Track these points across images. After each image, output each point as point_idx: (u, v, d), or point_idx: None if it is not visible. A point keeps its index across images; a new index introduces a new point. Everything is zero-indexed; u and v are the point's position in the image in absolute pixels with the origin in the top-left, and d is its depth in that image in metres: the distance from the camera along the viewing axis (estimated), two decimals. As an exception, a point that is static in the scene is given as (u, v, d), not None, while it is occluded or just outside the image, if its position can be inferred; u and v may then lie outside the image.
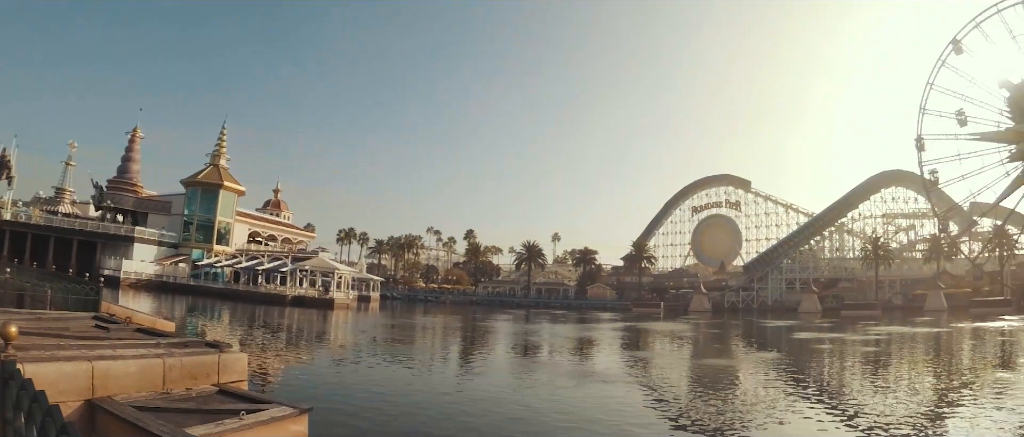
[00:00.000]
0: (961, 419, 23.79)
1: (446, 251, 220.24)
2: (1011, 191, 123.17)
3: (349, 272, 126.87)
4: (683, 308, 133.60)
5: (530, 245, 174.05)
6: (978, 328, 74.42)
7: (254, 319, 70.47)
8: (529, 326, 79.63)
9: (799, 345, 58.60)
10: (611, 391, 28.76)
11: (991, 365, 42.13)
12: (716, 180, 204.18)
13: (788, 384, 32.79)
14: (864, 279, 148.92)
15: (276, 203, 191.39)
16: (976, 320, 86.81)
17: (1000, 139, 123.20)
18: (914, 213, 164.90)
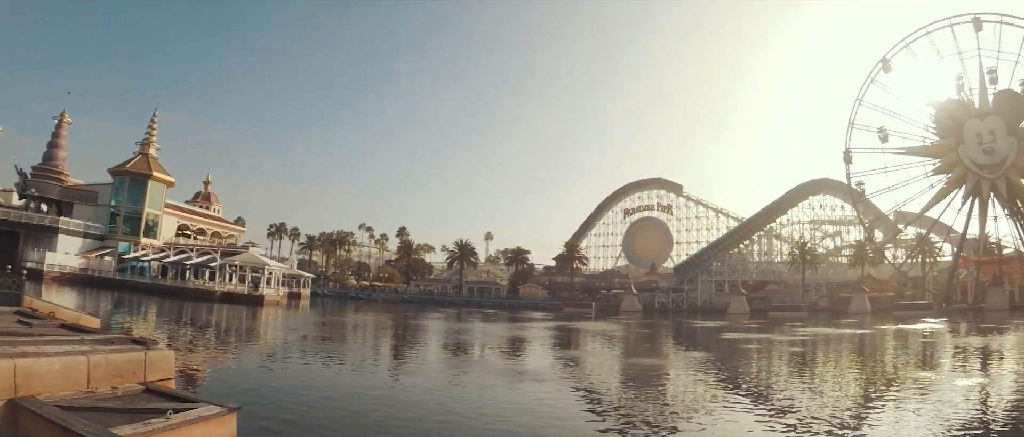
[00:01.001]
0: (885, 416, 24.32)
1: (378, 248, 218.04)
2: (935, 202, 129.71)
3: (280, 268, 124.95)
4: (614, 308, 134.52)
5: (462, 244, 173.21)
6: (900, 330, 76.11)
7: (182, 316, 69.05)
8: (461, 325, 79.49)
9: (728, 345, 59.25)
10: (542, 390, 28.72)
11: (913, 365, 43.13)
12: (649, 183, 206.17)
13: (717, 383, 33.16)
14: (791, 282, 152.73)
15: (206, 195, 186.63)
16: (899, 322, 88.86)
17: (925, 154, 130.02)
18: (841, 220, 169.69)
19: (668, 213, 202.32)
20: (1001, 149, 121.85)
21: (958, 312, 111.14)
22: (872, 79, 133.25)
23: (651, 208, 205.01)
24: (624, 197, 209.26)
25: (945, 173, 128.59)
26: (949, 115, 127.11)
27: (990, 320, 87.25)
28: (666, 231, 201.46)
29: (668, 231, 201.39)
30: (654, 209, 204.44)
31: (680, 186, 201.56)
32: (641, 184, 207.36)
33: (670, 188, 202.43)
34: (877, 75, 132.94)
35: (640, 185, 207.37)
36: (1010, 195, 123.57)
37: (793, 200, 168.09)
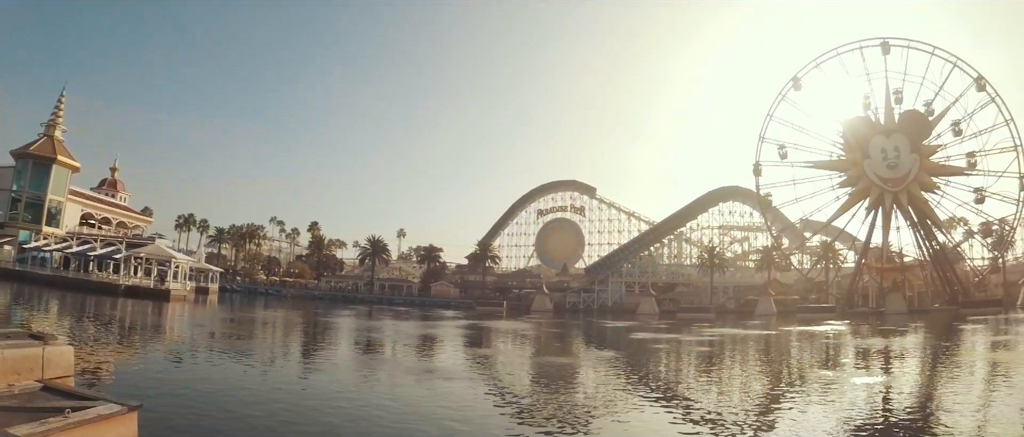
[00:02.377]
0: (790, 413, 24.97)
1: (289, 243, 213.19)
2: (841, 213, 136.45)
3: (187, 262, 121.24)
4: (526, 308, 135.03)
5: (375, 240, 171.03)
6: (804, 331, 77.96)
7: (84, 310, 67.00)
8: (372, 323, 79.17)
9: (637, 345, 60.07)
10: (453, 388, 28.87)
11: (817, 364, 44.41)
12: (563, 185, 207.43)
13: (627, 382, 33.62)
14: (700, 284, 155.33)
15: (113, 183, 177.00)
16: (803, 324, 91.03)
17: (832, 167, 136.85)
18: (749, 226, 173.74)
19: (581, 215, 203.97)
20: (904, 164, 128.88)
21: (860, 315, 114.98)
22: (783, 96, 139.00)
23: (564, 209, 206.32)
24: (538, 198, 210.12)
25: (851, 186, 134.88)
26: (856, 132, 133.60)
27: (890, 323, 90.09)
28: (578, 232, 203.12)
29: (580, 232, 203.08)
30: (567, 210, 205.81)
31: (593, 188, 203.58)
32: (555, 185, 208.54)
33: (584, 190, 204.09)
34: (788, 92, 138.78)
35: (554, 186, 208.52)
36: (911, 207, 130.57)
37: (704, 206, 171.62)
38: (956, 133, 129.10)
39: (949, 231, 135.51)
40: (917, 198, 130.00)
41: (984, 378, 35.72)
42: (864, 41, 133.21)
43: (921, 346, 59.07)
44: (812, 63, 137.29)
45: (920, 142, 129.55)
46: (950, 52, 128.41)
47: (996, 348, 54.72)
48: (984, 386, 32.93)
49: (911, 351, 54.24)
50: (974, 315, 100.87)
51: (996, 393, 30.57)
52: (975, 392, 31.10)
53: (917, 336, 69.63)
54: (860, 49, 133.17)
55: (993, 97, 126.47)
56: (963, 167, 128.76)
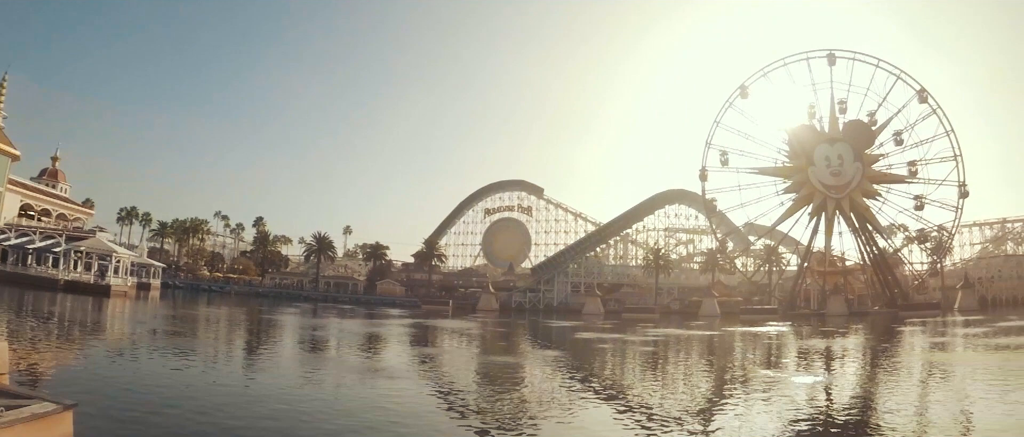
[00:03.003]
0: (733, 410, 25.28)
1: (234, 238, 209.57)
2: (785, 218, 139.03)
3: (129, 256, 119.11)
4: (471, 307, 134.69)
5: (320, 237, 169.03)
6: (747, 332, 78.86)
7: (21, 305, 65.60)
8: (317, 321, 78.48)
9: (582, 344, 60.43)
10: (397, 387, 28.61)
11: (758, 364, 44.84)
12: (511, 185, 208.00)
13: (570, 380, 33.80)
14: (645, 285, 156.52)
15: (54, 173, 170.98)
16: (746, 325, 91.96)
17: (777, 174, 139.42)
18: (694, 229, 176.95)
19: (528, 214, 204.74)
20: (847, 172, 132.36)
21: (801, 317, 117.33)
22: (730, 103, 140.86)
23: (512, 209, 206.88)
24: (485, 197, 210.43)
25: (795, 192, 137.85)
26: (801, 139, 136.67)
27: (831, 324, 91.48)
28: (525, 232, 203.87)
29: (527, 232, 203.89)
30: (515, 210, 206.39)
31: (541, 189, 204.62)
32: (503, 185, 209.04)
33: (531, 190, 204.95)
34: (735, 100, 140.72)
35: (502, 186, 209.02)
36: (854, 213, 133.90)
37: (650, 208, 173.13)
38: (897, 142, 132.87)
39: (890, 237, 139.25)
40: (859, 204, 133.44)
41: (922, 378, 36.38)
42: (811, 52, 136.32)
43: (860, 347, 60.19)
44: (759, 72, 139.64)
45: (863, 151, 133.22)
46: (894, 65, 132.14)
47: (933, 349, 55.87)
48: (922, 386, 33.56)
49: (851, 352, 55.22)
50: (912, 317, 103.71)
51: (933, 393, 31.25)
52: (913, 392, 31.73)
53: (857, 337, 70.95)
54: (807, 60, 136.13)
55: (934, 109, 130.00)
56: (904, 175, 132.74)
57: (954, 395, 29.87)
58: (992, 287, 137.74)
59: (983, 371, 38.10)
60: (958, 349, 54.91)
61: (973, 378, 35.10)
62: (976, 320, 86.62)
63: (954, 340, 63.30)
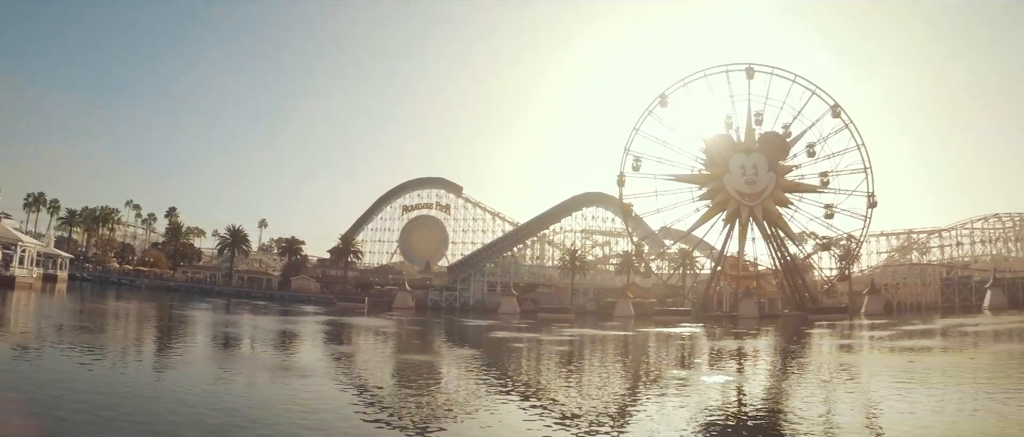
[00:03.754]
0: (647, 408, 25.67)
1: (146, 229, 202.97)
2: (700, 223, 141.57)
3: (35, 246, 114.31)
4: (387, 305, 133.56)
5: (235, 230, 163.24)
6: (660, 333, 79.70)
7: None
8: (230, 317, 77.35)
9: (498, 343, 60.44)
10: (311, 386, 28.24)
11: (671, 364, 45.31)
12: (430, 182, 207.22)
13: (485, 379, 33.87)
14: (561, 286, 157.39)
15: None
16: (659, 326, 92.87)
17: (694, 181, 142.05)
18: (611, 231, 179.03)
19: (446, 213, 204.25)
20: (761, 181, 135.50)
21: (714, 319, 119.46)
22: (650, 111, 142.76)
23: (430, 206, 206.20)
24: (404, 193, 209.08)
25: (710, 199, 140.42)
26: (717, 148, 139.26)
27: (742, 326, 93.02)
28: (443, 230, 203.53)
29: (445, 230, 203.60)
30: (433, 208, 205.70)
31: (460, 187, 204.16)
32: (422, 182, 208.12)
33: (450, 188, 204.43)
34: (655, 108, 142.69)
35: (421, 183, 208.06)
36: (767, 220, 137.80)
37: (568, 210, 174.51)
38: (810, 154, 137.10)
39: (801, 243, 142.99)
40: (772, 212, 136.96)
41: (829, 378, 37.14)
42: (731, 65, 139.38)
43: (771, 348, 61.50)
44: (680, 82, 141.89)
45: (777, 161, 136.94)
46: (810, 81, 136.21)
47: (840, 350, 57.06)
48: (829, 385, 34.23)
49: (761, 352, 56.35)
50: (821, 320, 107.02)
51: (840, 391, 31.89)
52: (821, 390, 32.43)
53: (767, 339, 72.54)
54: (726, 72, 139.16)
55: (847, 124, 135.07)
56: (816, 185, 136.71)
57: (860, 394, 30.78)
58: (897, 293, 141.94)
59: (887, 371, 39.29)
60: (864, 350, 56.32)
61: (878, 378, 36.01)
62: (881, 324, 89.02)
63: (860, 342, 64.87)
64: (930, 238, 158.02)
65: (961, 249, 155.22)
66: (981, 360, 45.28)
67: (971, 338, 63.78)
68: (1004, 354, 48.99)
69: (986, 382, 32.31)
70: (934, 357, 48.34)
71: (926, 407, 25.81)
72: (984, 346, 56.91)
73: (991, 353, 50.45)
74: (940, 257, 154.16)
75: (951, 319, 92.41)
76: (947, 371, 38.24)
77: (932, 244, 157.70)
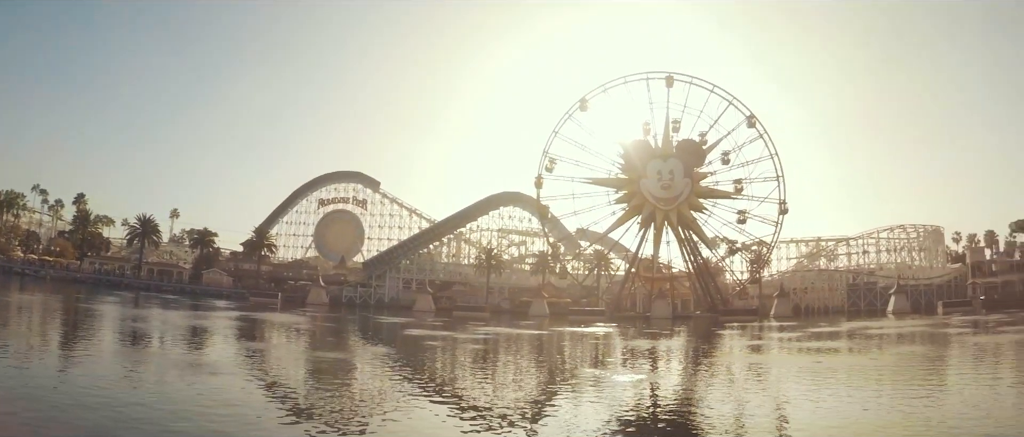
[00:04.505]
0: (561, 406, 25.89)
1: (52, 216, 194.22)
2: (616, 226, 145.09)
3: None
4: (301, 300, 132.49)
5: (146, 219, 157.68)
6: (575, 332, 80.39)
7: None
8: (138, 311, 75.68)
9: (412, 341, 60.32)
10: (221, 384, 27.56)
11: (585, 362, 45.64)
12: (347, 176, 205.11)
13: (400, 377, 33.64)
14: (477, 284, 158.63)
15: None
16: (574, 325, 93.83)
17: (610, 184, 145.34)
18: (527, 231, 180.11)
19: (363, 208, 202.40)
20: (677, 186, 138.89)
21: (627, 319, 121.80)
22: (569, 115, 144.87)
23: (346, 201, 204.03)
24: (321, 186, 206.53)
25: (627, 202, 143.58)
26: (635, 154, 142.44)
27: (655, 327, 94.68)
28: (359, 225, 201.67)
29: (361, 226, 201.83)
30: (349, 202, 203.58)
31: (378, 182, 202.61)
32: (339, 176, 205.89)
33: (367, 183, 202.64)
34: (574, 112, 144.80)
35: (338, 176, 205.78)
36: (680, 225, 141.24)
37: (484, 208, 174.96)
38: (725, 162, 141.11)
39: (714, 247, 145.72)
40: (686, 217, 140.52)
41: (739, 377, 38.06)
42: (651, 73, 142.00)
43: (682, 348, 62.74)
44: (600, 87, 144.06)
45: (693, 168, 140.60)
46: (727, 91, 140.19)
47: (750, 351, 58.22)
48: (737, 384, 35.05)
49: (673, 352, 57.30)
50: (732, 321, 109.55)
51: (749, 390, 32.69)
52: (731, 389, 33.15)
53: (679, 339, 74.19)
54: (647, 79, 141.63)
55: (761, 134, 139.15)
56: (730, 192, 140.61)
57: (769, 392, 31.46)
58: (805, 297, 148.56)
59: (795, 371, 40.31)
60: (773, 351, 57.49)
61: (786, 377, 36.91)
62: (790, 326, 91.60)
63: (769, 343, 66.27)
64: (838, 246, 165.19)
65: (867, 257, 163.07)
66: (884, 361, 46.88)
67: (875, 340, 66.16)
68: (906, 355, 50.72)
69: (889, 381, 33.56)
70: (840, 358, 50.09)
71: (832, 405, 26.57)
72: (887, 348, 58.87)
73: (894, 354, 52.21)
74: (847, 264, 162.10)
75: (857, 322, 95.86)
76: (852, 371, 39.66)
77: (840, 252, 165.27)
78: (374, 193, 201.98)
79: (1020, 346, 53.51)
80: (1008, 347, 52.92)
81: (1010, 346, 53.48)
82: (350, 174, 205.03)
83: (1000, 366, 40.79)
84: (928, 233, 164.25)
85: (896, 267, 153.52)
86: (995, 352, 49.58)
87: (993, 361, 44.28)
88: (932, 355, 50.17)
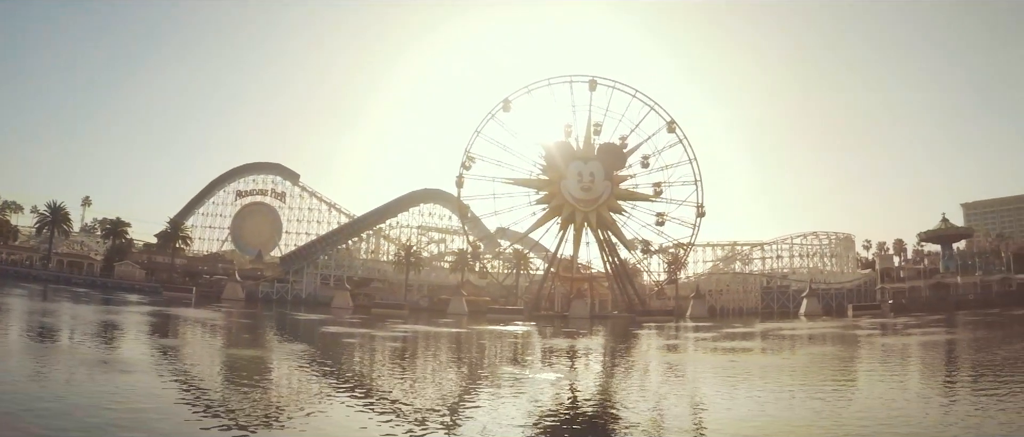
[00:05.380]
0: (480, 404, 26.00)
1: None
2: (536, 227, 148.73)
3: None
4: (216, 295, 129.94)
5: (56, 207, 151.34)
6: (493, 331, 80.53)
7: None
8: (46, 305, 73.05)
9: (330, 339, 59.61)
10: (132, 382, 26.48)
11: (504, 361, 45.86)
12: (266, 167, 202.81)
13: (317, 375, 33.32)
14: (395, 281, 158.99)
15: None
16: (492, 324, 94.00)
17: (531, 185, 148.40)
18: (447, 229, 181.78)
19: (282, 201, 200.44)
20: (598, 188, 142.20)
21: (546, 318, 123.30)
22: (492, 115, 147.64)
23: (265, 193, 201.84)
24: (239, 178, 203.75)
25: (547, 203, 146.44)
26: (556, 155, 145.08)
27: (572, 326, 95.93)
28: (277, 219, 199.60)
29: (279, 219, 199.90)
30: (268, 195, 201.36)
31: (297, 175, 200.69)
32: (258, 167, 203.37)
33: (287, 175, 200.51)
34: (498, 112, 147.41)
35: (256, 168, 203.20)
36: (599, 226, 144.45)
37: (405, 205, 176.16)
38: (645, 165, 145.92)
39: (633, 249, 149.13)
40: (606, 218, 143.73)
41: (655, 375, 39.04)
42: (575, 76, 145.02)
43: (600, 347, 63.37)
44: (524, 88, 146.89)
45: (614, 171, 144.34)
46: (649, 97, 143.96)
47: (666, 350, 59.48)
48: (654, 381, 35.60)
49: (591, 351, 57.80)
50: (649, 321, 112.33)
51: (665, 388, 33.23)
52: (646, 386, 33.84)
53: (597, 338, 74.71)
54: (570, 82, 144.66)
55: (681, 139, 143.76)
56: (650, 195, 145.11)
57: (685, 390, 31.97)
58: (720, 298, 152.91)
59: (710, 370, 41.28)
60: (689, 351, 58.36)
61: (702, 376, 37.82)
62: (705, 326, 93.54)
63: (685, 343, 67.36)
64: (753, 250, 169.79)
65: (781, 261, 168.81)
66: (796, 360, 48.18)
67: (788, 341, 68.04)
68: (817, 355, 52.14)
69: (801, 380, 34.35)
70: (754, 358, 51.22)
71: (745, 402, 27.16)
72: (800, 348, 60.37)
73: (805, 354, 53.78)
74: (762, 268, 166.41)
75: (770, 324, 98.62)
76: (766, 370, 40.67)
77: (755, 256, 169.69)
78: (293, 186, 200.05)
79: (926, 347, 55.33)
80: (915, 348, 54.89)
81: (917, 347, 55.43)
82: (269, 165, 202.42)
83: (907, 366, 42.30)
84: (840, 240, 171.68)
85: (809, 271, 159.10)
86: (902, 353, 51.49)
87: (901, 361, 45.98)
88: (843, 355, 51.72)
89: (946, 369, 40.25)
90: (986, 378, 33.18)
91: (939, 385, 32.68)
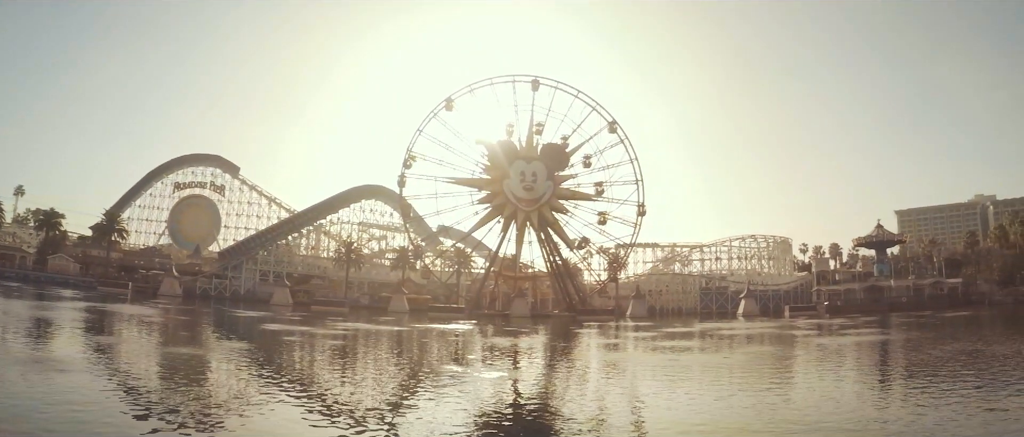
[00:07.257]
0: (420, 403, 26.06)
1: None
2: (479, 226, 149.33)
3: None
4: (152, 291, 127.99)
5: None
6: (434, 329, 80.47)
7: None
8: None
9: (269, 336, 59.13)
10: (69, 381, 25.90)
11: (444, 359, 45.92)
12: (205, 159, 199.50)
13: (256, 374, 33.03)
14: (336, 278, 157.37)
15: None
16: (433, 323, 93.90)
17: (473, 184, 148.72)
18: (388, 226, 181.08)
19: (221, 194, 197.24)
20: (540, 188, 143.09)
21: (487, 317, 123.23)
22: (435, 114, 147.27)
23: (203, 186, 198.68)
24: (177, 169, 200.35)
25: (490, 202, 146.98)
26: (499, 155, 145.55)
27: (513, 325, 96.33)
28: (216, 213, 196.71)
29: (218, 213, 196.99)
30: (207, 188, 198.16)
31: (237, 167, 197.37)
32: (196, 158, 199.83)
33: (227, 168, 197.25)
34: (440, 111, 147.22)
35: (195, 159, 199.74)
36: (541, 225, 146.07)
37: (345, 201, 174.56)
38: (586, 165, 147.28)
39: (574, 248, 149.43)
40: (548, 218, 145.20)
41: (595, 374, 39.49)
42: (518, 76, 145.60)
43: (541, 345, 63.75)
44: (466, 87, 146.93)
45: (556, 170, 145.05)
46: (591, 97, 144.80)
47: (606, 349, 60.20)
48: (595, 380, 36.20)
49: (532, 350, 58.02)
50: (589, 321, 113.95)
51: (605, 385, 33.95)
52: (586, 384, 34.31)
53: (537, 337, 75.04)
54: (513, 82, 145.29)
55: (622, 139, 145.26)
56: (592, 194, 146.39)
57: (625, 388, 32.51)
58: (660, 298, 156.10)
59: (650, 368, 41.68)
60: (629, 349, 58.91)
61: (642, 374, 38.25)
62: (645, 326, 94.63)
63: (625, 342, 67.97)
64: (693, 251, 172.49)
65: (720, 263, 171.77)
66: (735, 359, 48.86)
67: (726, 340, 68.99)
68: (755, 355, 52.96)
69: (739, 378, 34.95)
70: (693, 356, 51.89)
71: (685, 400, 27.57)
72: (737, 347, 61.25)
73: (743, 353, 54.49)
74: (701, 269, 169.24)
75: (709, 323, 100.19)
76: (705, 369, 41.39)
77: (694, 257, 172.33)
78: (233, 179, 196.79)
79: (860, 347, 56.56)
80: (850, 348, 55.96)
81: (852, 347, 56.53)
82: (209, 157, 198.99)
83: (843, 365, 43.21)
84: (777, 243, 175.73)
85: (747, 273, 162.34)
86: (838, 352, 52.41)
87: (836, 360, 46.91)
88: (780, 355, 52.69)
89: (881, 368, 41.31)
90: (919, 377, 34.07)
91: (874, 384, 33.56)
